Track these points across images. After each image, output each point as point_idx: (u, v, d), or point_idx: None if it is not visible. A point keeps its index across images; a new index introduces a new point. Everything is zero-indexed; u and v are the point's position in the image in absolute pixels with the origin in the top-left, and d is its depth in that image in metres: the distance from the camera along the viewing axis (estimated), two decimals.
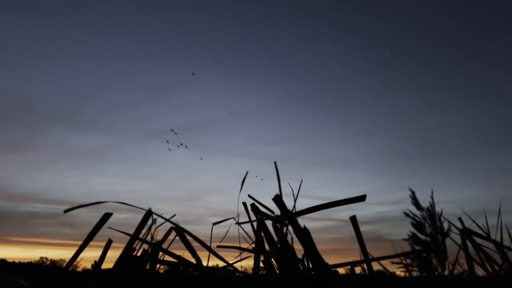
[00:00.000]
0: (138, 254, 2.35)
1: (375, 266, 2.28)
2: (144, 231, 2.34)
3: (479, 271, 2.38)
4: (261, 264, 2.27)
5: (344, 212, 2.37)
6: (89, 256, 2.41)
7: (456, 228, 2.45)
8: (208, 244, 2.33)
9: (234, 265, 2.40)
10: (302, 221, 2.27)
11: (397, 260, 2.60)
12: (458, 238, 2.43)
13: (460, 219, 2.44)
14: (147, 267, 2.28)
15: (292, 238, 2.28)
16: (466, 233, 2.38)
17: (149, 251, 2.32)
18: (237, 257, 2.39)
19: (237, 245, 2.40)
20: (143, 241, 2.32)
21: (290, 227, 2.26)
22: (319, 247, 2.24)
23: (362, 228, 2.28)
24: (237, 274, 2.50)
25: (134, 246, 2.32)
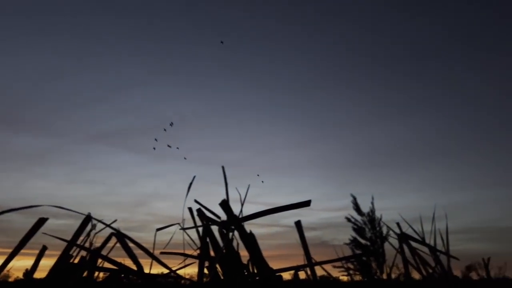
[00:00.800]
0: (76, 261, 2.24)
1: (320, 271, 2.34)
2: (82, 237, 2.24)
3: (415, 274, 2.51)
4: (206, 271, 2.25)
5: (291, 218, 2.41)
6: (22, 264, 2.27)
7: (394, 232, 2.58)
8: (151, 250, 2.27)
9: (179, 272, 2.36)
10: (249, 227, 2.28)
11: (339, 264, 2.69)
12: (396, 242, 2.56)
13: (398, 224, 2.58)
14: (85, 274, 2.18)
15: (238, 244, 2.28)
16: (403, 237, 2.52)
17: (87, 258, 2.22)
18: (181, 263, 2.35)
19: (181, 251, 2.36)
20: (81, 247, 2.22)
21: (236, 233, 2.26)
22: (266, 253, 2.25)
23: (308, 234, 2.33)
24: (182, 281, 2.46)
25: (71, 253, 2.21)
